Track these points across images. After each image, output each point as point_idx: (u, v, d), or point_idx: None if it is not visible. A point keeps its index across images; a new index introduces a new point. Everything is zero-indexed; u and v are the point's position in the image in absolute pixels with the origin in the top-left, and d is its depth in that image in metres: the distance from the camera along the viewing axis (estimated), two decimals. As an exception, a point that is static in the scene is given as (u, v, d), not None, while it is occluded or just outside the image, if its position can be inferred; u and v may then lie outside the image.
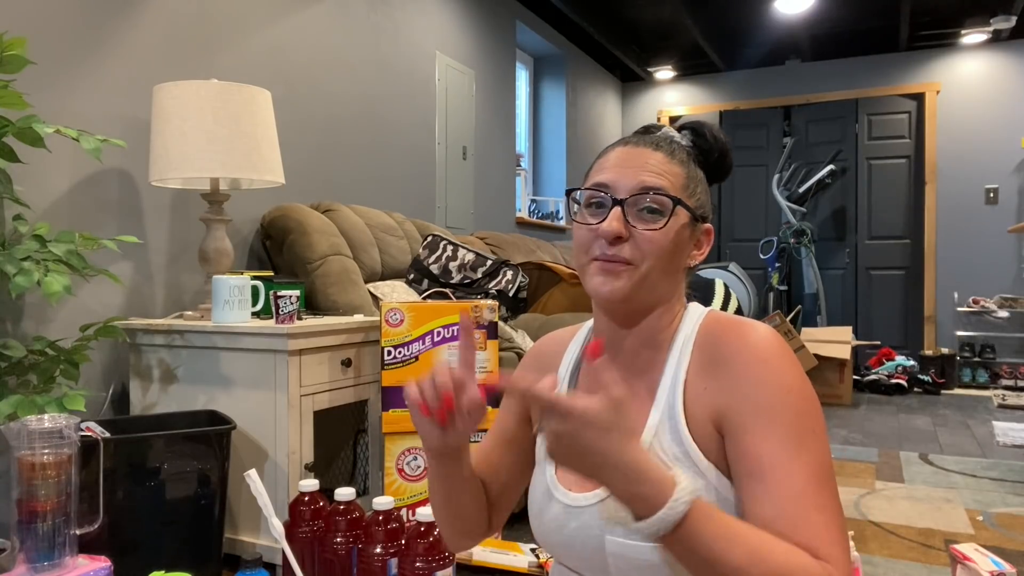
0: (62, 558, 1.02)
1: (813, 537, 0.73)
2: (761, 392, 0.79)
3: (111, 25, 2.18)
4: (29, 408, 1.51)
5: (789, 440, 0.77)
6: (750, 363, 0.80)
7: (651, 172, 0.86)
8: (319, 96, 3.00)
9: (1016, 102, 5.48)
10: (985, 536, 2.31)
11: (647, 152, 0.87)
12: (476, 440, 1.95)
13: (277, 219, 2.60)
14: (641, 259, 0.84)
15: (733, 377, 0.81)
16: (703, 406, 0.82)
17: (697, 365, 0.85)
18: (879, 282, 5.97)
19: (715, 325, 0.87)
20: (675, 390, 0.84)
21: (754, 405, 0.78)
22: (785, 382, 0.79)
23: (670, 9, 4.92)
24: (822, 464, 0.77)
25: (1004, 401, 4.78)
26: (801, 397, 0.79)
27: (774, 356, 0.80)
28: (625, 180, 0.86)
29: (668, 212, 0.85)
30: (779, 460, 0.76)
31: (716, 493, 0.79)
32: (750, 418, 0.78)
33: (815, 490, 0.75)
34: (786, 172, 6.02)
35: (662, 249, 0.84)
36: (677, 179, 0.87)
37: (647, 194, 0.84)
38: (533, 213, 5.33)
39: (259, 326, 1.89)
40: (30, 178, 1.96)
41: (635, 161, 0.87)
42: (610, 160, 0.89)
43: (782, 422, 0.77)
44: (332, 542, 1.18)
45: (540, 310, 3.18)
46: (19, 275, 1.56)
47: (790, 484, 0.75)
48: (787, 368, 0.80)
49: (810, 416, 0.79)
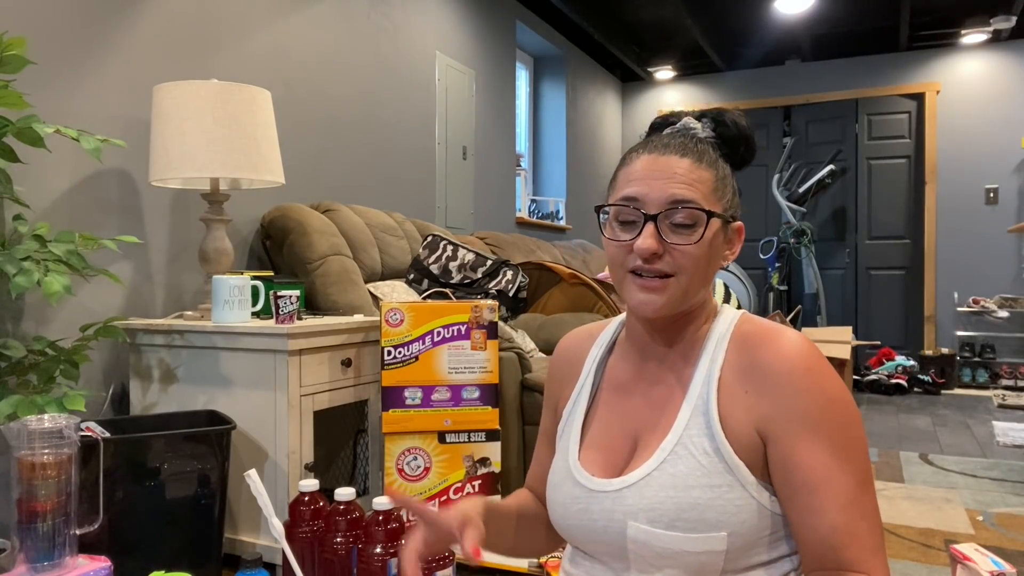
0: (62, 558, 1.02)
1: (861, 548, 0.77)
2: (810, 402, 0.80)
3: (111, 25, 2.18)
4: (29, 408, 1.51)
5: (837, 451, 0.79)
6: (795, 372, 0.81)
7: (680, 183, 0.84)
8: (319, 96, 3.00)
9: (1016, 102, 5.48)
10: (985, 536, 2.31)
11: (674, 160, 0.85)
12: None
13: (277, 219, 2.60)
14: (679, 271, 0.84)
15: (777, 385, 0.81)
16: (744, 409, 0.83)
17: (733, 366, 0.85)
18: (879, 282, 5.97)
19: (750, 329, 0.87)
20: (709, 387, 0.85)
21: (803, 415, 0.80)
22: (830, 392, 0.81)
23: (670, 9, 4.92)
24: (866, 472, 0.80)
25: (1004, 401, 4.78)
26: (846, 406, 0.81)
27: (816, 364, 0.81)
28: (654, 193, 0.84)
29: (702, 224, 0.84)
30: (830, 472, 0.78)
31: (744, 491, 0.80)
32: (799, 428, 0.80)
33: (862, 498, 0.79)
34: (786, 172, 6.02)
35: (698, 261, 0.84)
36: (706, 185, 0.85)
37: (678, 209, 0.83)
38: (533, 213, 5.33)
39: (259, 326, 1.89)
40: (30, 178, 1.96)
41: (663, 171, 0.85)
42: (636, 170, 0.87)
43: (829, 433, 0.79)
44: (332, 542, 1.18)
45: (540, 310, 3.18)
46: (19, 275, 1.56)
47: (841, 496, 0.78)
48: (830, 377, 0.82)
49: (854, 425, 0.81)
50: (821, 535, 0.78)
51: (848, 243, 6.05)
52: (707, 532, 0.79)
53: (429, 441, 2.03)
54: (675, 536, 0.79)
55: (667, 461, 0.83)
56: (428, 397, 2.04)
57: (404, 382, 2.02)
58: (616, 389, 0.94)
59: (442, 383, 2.04)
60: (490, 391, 2.07)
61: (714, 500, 0.79)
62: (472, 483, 2.05)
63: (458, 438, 2.05)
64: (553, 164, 5.54)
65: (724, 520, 0.79)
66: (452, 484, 2.04)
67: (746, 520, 0.80)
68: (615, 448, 0.90)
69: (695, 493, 0.80)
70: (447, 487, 2.04)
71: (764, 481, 0.82)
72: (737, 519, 0.79)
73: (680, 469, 0.82)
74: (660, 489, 0.82)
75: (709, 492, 0.80)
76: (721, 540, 0.79)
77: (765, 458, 0.82)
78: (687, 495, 0.80)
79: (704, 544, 0.79)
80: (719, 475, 0.80)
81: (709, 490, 0.80)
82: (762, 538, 0.81)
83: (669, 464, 0.83)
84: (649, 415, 0.89)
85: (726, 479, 0.80)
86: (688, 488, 0.80)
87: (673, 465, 0.82)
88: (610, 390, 0.95)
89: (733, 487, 0.80)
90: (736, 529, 0.79)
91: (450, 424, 2.04)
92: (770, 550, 0.82)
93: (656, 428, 0.87)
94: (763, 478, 0.82)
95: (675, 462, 0.82)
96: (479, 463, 2.06)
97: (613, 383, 0.95)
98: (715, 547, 0.79)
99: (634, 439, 0.89)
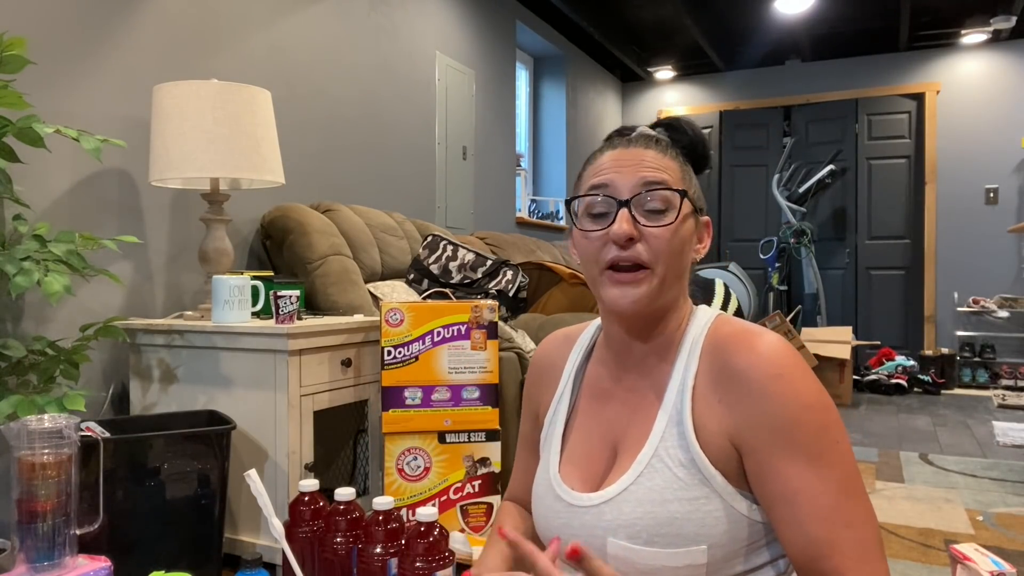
0: (62, 558, 1.02)
1: (843, 558, 0.74)
2: (780, 411, 0.77)
3: (111, 25, 2.18)
4: (29, 408, 1.51)
5: (813, 459, 0.76)
6: (764, 379, 0.78)
7: (650, 168, 0.84)
8: (319, 96, 3.00)
9: (1016, 102, 5.48)
10: (985, 536, 2.31)
11: (640, 151, 0.86)
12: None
13: (277, 219, 2.60)
14: (655, 261, 0.82)
15: (748, 393, 0.79)
16: (717, 419, 0.81)
17: (706, 373, 0.83)
18: (879, 282, 5.97)
19: (724, 332, 0.85)
20: (683, 396, 0.83)
21: (774, 425, 0.77)
22: (802, 398, 0.77)
23: (670, 9, 4.92)
24: (849, 475, 0.77)
25: (1004, 401, 4.78)
26: (820, 411, 0.77)
27: (787, 369, 0.78)
28: (625, 179, 0.84)
29: (675, 207, 0.83)
30: (806, 481, 0.76)
31: (721, 501, 0.79)
32: (771, 438, 0.77)
33: (844, 505, 0.75)
34: (786, 172, 6.02)
35: (674, 247, 0.83)
36: (675, 173, 0.85)
37: (651, 190, 0.83)
38: (533, 213, 5.33)
39: (259, 326, 1.89)
40: (30, 178, 1.96)
41: (631, 159, 0.85)
42: (604, 163, 0.86)
43: (804, 441, 0.76)
44: (332, 542, 1.18)
45: (540, 310, 3.18)
46: (19, 275, 1.56)
47: (820, 505, 0.75)
48: (802, 381, 0.78)
49: (831, 429, 0.77)
50: (800, 547, 0.76)
51: (848, 243, 6.05)
52: (686, 546, 0.78)
53: (429, 441, 2.03)
54: (655, 552, 0.78)
55: (644, 475, 0.81)
56: (428, 397, 2.04)
57: (404, 382, 2.02)
58: (595, 396, 0.93)
59: (442, 383, 2.04)
60: (490, 391, 2.07)
61: (692, 513, 0.78)
62: (472, 483, 2.05)
63: (458, 438, 2.05)
64: (553, 164, 5.54)
65: (703, 533, 0.78)
66: (452, 484, 2.04)
67: (725, 531, 0.78)
68: (594, 458, 0.89)
69: (672, 507, 0.78)
70: (447, 487, 2.04)
71: (742, 489, 0.80)
72: (716, 531, 0.78)
73: (657, 483, 0.80)
74: (638, 504, 0.80)
75: (687, 505, 0.78)
76: (701, 553, 0.77)
77: (741, 467, 0.80)
78: (664, 509, 0.79)
79: (684, 559, 0.78)
80: (695, 487, 0.79)
81: (687, 503, 0.78)
82: (742, 548, 0.79)
83: (646, 478, 0.81)
84: (627, 423, 0.88)
85: (703, 491, 0.78)
86: (665, 502, 0.79)
87: (650, 479, 0.81)
88: (589, 397, 0.94)
89: (710, 499, 0.78)
90: (716, 541, 0.78)
91: (450, 424, 2.04)
92: (752, 559, 0.81)
93: (634, 437, 0.86)
94: (740, 486, 0.80)
95: (651, 475, 0.81)
96: (479, 463, 2.06)
97: (592, 390, 0.94)
98: (696, 560, 0.78)
99: (613, 447, 0.88)
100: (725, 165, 6.41)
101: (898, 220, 5.91)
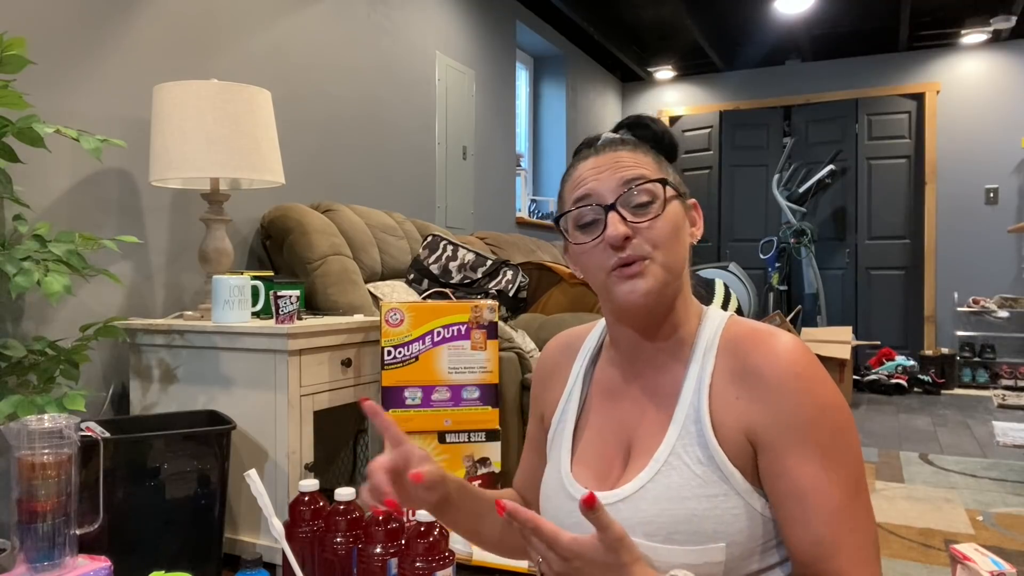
0: (62, 558, 1.02)
1: (846, 560, 0.75)
2: (798, 409, 0.78)
3: (111, 25, 2.18)
4: (29, 408, 1.51)
5: (827, 460, 0.77)
6: (784, 376, 0.79)
7: (626, 166, 0.86)
8: (319, 96, 3.00)
9: (1016, 102, 5.48)
10: (985, 536, 2.31)
11: (612, 154, 0.87)
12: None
13: (277, 219, 2.60)
14: (654, 249, 0.83)
15: (767, 390, 0.80)
16: (735, 416, 0.81)
17: (724, 372, 0.84)
18: (879, 282, 5.97)
19: (740, 331, 0.86)
20: (700, 394, 0.84)
21: (791, 423, 0.78)
22: (820, 399, 0.79)
23: (670, 9, 4.92)
24: (857, 477, 0.78)
25: (1004, 401, 4.78)
26: (837, 412, 0.79)
27: (806, 368, 0.80)
28: (605, 184, 0.85)
29: (659, 197, 0.84)
30: (818, 481, 0.77)
31: (740, 499, 0.79)
32: (787, 435, 0.78)
33: (851, 508, 0.77)
34: (786, 172, 6.02)
35: (668, 234, 0.84)
36: (650, 165, 0.87)
37: (633, 187, 0.84)
38: (533, 213, 5.33)
39: (259, 326, 1.89)
40: (30, 178, 1.96)
41: (606, 164, 0.87)
42: (581, 174, 0.88)
43: (819, 441, 0.78)
44: (332, 542, 1.18)
45: (540, 310, 3.18)
46: (19, 275, 1.56)
47: (828, 506, 0.76)
48: (821, 382, 0.80)
49: (846, 431, 0.79)
50: (805, 546, 0.76)
51: (848, 243, 6.05)
52: (705, 544, 0.78)
53: (429, 441, 2.03)
54: (673, 549, 0.78)
55: (661, 472, 0.82)
56: (428, 397, 2.04)
57: (404, 382, 2.02)
58: (605, 396, 0.93)
59: (442, 383, 2.04)
60: (490, 391, 2.07)
61: (710, 510, 0.78)
62: (472, 483, 2.05)
63: (458, 438, 2.05)
64: (553, 164, 5.54)
65: (721, 530, 0.78)
66: (452, 484, 2.04)
67: (743, 528, 0.79)
68: (607, 457, 0.89)
69: (691, 504, 0.79)
70: (447, 487, 2.04)
71: (758, 487, 0.81)
72: (734, 528, 0.78)
73: (675, 480, 0.81)
74: (655, 502, 0.81)
75: (705, 502, 0.79)
76: (720, 551, 0.78)
77: (756, 464, 0.81)
78: (682, 507, 0.79)
79: (703, 556, 0.78)
80: (714, 484, 0.79)
81: (705, 500, 0.79)
82: (758, 546, 0.80)
83: (663, 475, 0.82)
84: (641, 421, 0.88)
85: (721, 488, 0.79)
86: (683, 500, 0.79)
87: (667, 476, 0.81)
88: (599, 398, 0.94)
89: (729, 496, 0.79)
90: (734, 538, 0.78)
91: (450, 424, 2.04)
92: (766, 558, 0.81)
93: (648, 436, 0.86)
94: (756, 484, 0.81)
95: (669, 473, 0.81)
96: (479, 463, 2.06)
97: (602, 390, 0.94)
98: (714, 558, 0.78)
99: (627, 447, 0.88)
100: (725, 165, 6.41)
101: (898, 220, 5.91)
